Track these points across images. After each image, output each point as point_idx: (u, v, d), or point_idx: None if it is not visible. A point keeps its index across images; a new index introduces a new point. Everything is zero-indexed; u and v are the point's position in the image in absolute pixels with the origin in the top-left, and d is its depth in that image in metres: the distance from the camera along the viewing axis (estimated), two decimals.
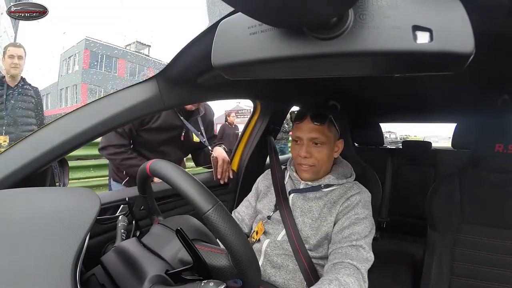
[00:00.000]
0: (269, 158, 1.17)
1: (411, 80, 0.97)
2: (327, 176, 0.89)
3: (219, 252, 0.50)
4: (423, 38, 0.26)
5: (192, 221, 0.62)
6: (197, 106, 1.32)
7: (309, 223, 0.85)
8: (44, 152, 0.63)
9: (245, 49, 0.32)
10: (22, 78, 2.10)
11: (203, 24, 0.52)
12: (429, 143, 1.92)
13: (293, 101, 1.31)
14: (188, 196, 0.45)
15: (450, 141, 1.57)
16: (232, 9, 0.38)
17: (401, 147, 2.00)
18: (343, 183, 0.88)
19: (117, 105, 0.69)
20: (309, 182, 0.90)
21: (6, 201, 0.50)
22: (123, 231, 0.67)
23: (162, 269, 0.49)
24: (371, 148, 1.97)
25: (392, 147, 2.35)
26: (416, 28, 0.26)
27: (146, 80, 0.73)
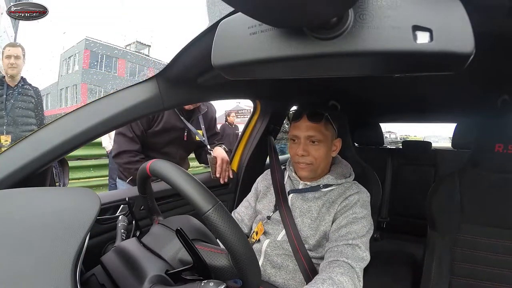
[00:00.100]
0: (269, 158, 1.17)
1: (411, 80, 0.97)
2: (326, 176, 0.89)
3: (219, 252, 0.50)
4: (423, 38, 0.26)
5: (192, 221, 0.62)
6: (196, 105, 1.32)
7: (308, 223, 0.85)
8: (44, 152, 0.63)
9: (245, 49, 0.32)
10: (22, 78, 2.09)
11: (203, 24, 0.52)
12: (429, 143, 1.92)
13: (293, 101, 1.31)
14: (188, 196, 0.45)
15: (450, 141, 1.57)
16: (232, 9, 0.38)
17: (401, 147, 2.00)
18: (342, 183, 0.88)
19: (117, 105, 0.69)
20: (308, 182, 0.90)
21: (6, 201, 0.50)
22: (123, 231, 0.67)
23: (162, 269, 0.49)
24: (371, 148, 1.97)
25: (392, 147, 2.35)
26: (416, 28, 0.26)
27: (146, 80, 0.73)
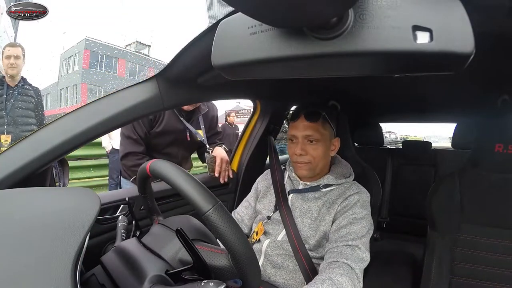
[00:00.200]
0: (269, 158, 1.17)
1: (411, 80, 0.97)
2: (326, 176, 0.89)
3: (219, 252, 0.50)
4: (423, 38, 0.26)
5: (192, 221, 0.62)
6: (196, 105, 1.32)
7: (308, 223, 0.85)
8: (44, 152, 0.63)
9: (245, 49, 0.32)
10: (22, 78, 2.09)
11: (203, 24, 0.52)
12: (429, 143, 1.92)
13: (293, 101, 1.31)
14: (188, 196, 0.45)
15: (450, 141, 1.57)
16: (232, 9, 0.38)
17: (401, 147, 2.00)
18: (342, 183, 0.88)
19: (117, 105, 0.69)
20: (308, 182, 0.90)
21: (6, 201, 0.50)
22: (123, 231, 0.67)
23: (162, 269, 0.49)
24: (371, 148, 1.97)
25: (392, 147, 2.35)
26: (416, 28, 0.26)
27: (146, 80, 0.73)
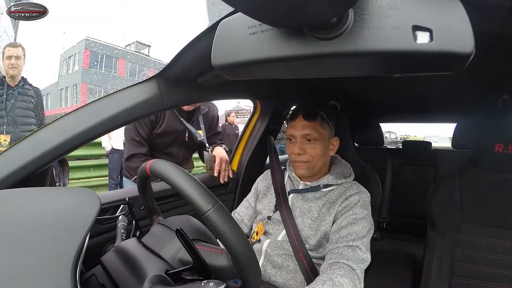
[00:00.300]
0: (269, 158, 1.17)
1: (411, 80, 0.97)
2: (326, 176, 0.89)
3: (219, 252, 0.50)
4: (423, 38, 0.26)
5: (192, 221, 0.62)
6: (196, 106, 1.32)
7: (309, 223, 0.85)
8: (44, 152, 0.63)
9: (245, 49, 0.32)
10: (22, 78, 2.09)
11: (203, 24, 0.52)
12: (429, 143, 1.92)
13: (293, 101, 1.31)
14: (188, 196, 0.45)
15: (450, 141, 1.57)
16: (232, 9, 0.38)
17: (401, 147, 2.00)
18: (342, 183, 0.88)
19: (117, 105, 0.69)
20: (308, 182, 0.90)
21: (6, 201, 0.50)
22: (123, 231, 0.67)
23: (162, 269, 0.49)
24: (371, 148, 1.97)
25: (392, 147, 2.35)
26: (416, 28, 0.26)
27: (146, 80, 0.73)
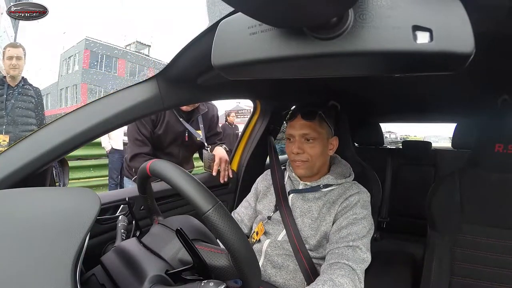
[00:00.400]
0: (269, 158, 1.17)
1: (411, 80, 0.97)
2: (326, 176, 0.89)
3: (219, 252, 0.50)
4: (423, 38, 0.26)
5: (192, 221, 0.62)
6: (195, 106, 1.32)
7: (309, 223, 0.85)
8: (44, 152, 0.63)
9: (245, 49, 0.32)
10: (23, 78, 2.09)
11: (203, 24, 0.52)
12: (429, 143, 1.92)
13: (293, 101, 1.31)
14: (188, 196, 0.45)
15: (450, 141, 1.57)
16: (232, 9, 0.38)
17: (401, 147, 2.00)
18: (342, 183, 0.88)
19: (117, 105, 0.69)
20: (308, 182, 0.90)
21: (6, 201, 0.50)
22: (123, 231, 0.67)
23: (162, 269, 0.49)
24: (371, 148, 1.97)
25: (392, 147, 2.35)
26: (416, 28, 0.26)
27: (146, 80, 0.73)
